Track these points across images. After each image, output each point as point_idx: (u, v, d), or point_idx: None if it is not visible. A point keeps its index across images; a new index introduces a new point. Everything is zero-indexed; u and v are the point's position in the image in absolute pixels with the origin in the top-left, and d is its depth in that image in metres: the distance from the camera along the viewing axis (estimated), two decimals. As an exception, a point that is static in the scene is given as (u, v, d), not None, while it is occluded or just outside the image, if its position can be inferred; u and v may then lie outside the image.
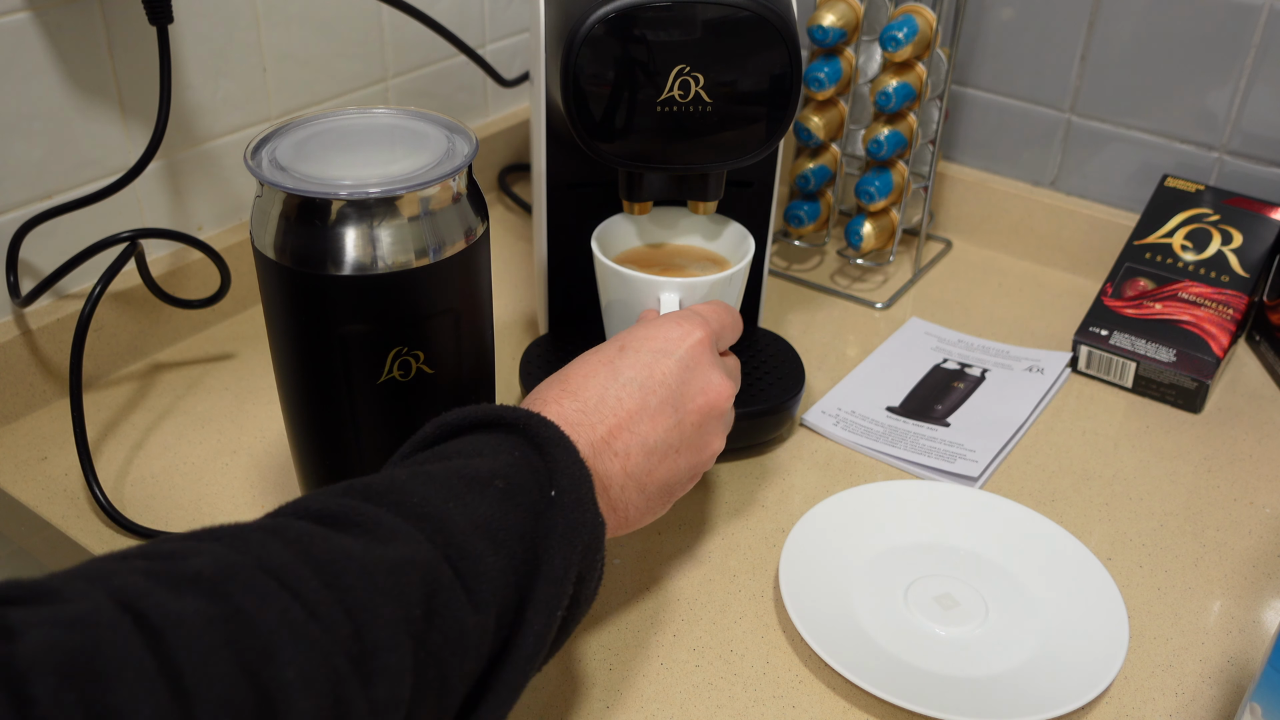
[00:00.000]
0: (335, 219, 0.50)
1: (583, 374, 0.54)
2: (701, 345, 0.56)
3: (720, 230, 0.73)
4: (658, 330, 0.56)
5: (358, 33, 0.91)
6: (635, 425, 0.52)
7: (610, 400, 0.52)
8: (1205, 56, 0.87)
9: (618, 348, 0.55)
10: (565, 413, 0.52)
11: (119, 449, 0.74)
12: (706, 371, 0.56)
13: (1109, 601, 0.62)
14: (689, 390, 0.55)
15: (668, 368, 0.54)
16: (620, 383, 0.53)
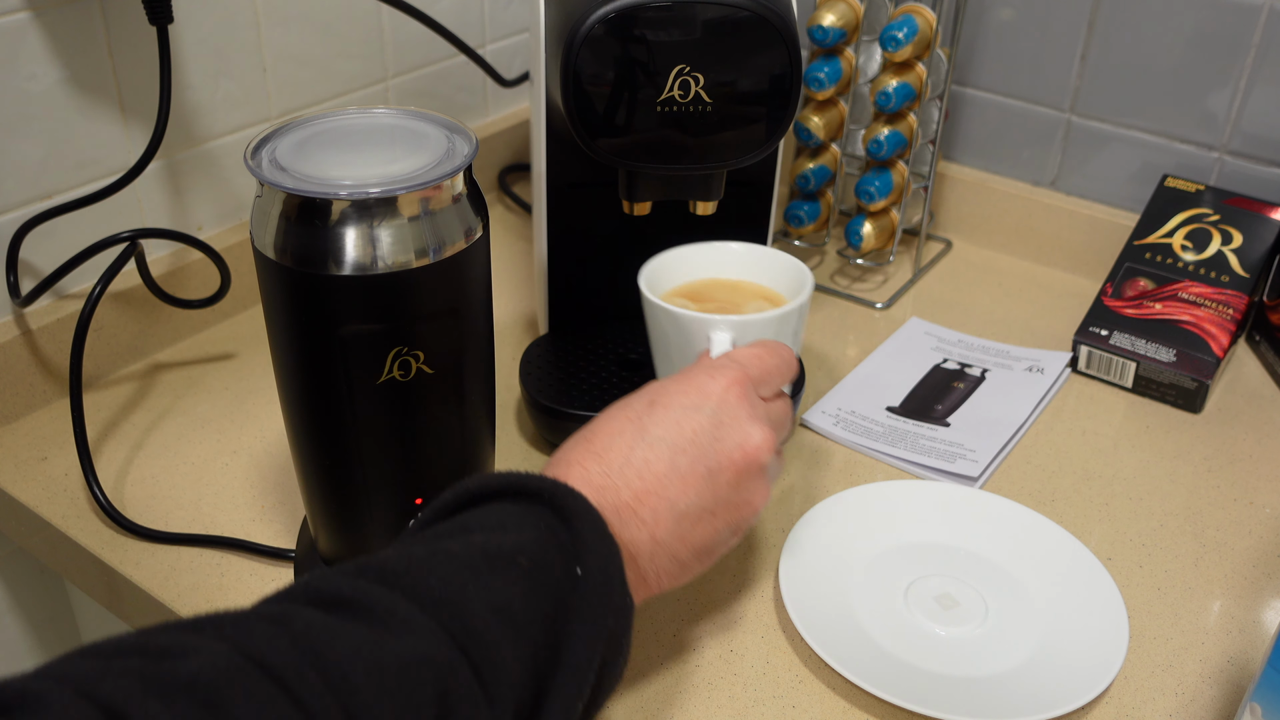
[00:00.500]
0: (335, 219, 0.50)
1: (609, 432, 0.51)
2: (738, 397, 0.52)
3: (775, 265, 0.68)
4: (688, 383, 0.53)
5: (358, 33, 0.91)
6: (664, 489, 0.49)
7: (636, 462, 0.49)
8: (1205, 56, 0.87)
9: (647, 402, 0.52)
10: (589, 476, 0.49)
11: (119, 449, 0.74)
12: (743, 425, 0.52)
13: (1109, 601, 0.62)
14: (723, 447, 0.51)
15: (698, 424, 0.51)
16: (647, 442, 0.50)
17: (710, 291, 0.68)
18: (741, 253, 0.69)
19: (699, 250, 0.69)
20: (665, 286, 0.67)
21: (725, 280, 0.69)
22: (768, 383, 0.55)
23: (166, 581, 0.64)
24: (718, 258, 0.69)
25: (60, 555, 0.69)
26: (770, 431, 0.53)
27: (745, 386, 0.53)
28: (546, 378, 0.75)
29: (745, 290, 0.68)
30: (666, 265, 0.68)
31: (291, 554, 0.65)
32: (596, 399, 0.72)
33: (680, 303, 0.65)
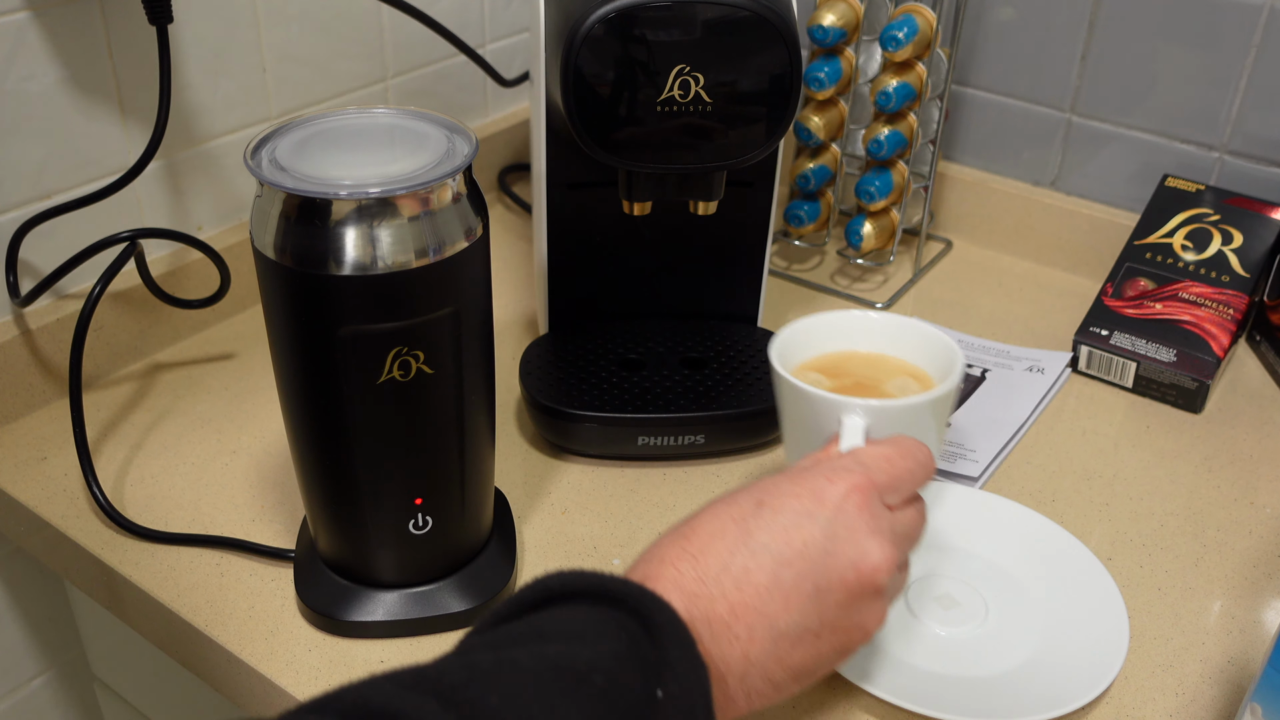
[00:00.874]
0: (335, 219, 0.50)
1: (708, 532, 0.46)
2: (857, 506, 0.47)
3: (920, 339, 0.63)
4: (803, 484, 0.47)
5: (358, 33, 0.91)
6: (764, 604, 0.44)
7: (735, 570, 0.44)
8: (1205, 56, 0.87)
9: (755, 502, 0.47)
10: (683, 580, 0.44)
11: (119, 449, 0.74)
12: (861, 539, 0.46)
13: (1109, 601, 0.62)
14: (835, 563, 0.45)
15: (809, 534, 0.45)
16: (750, 549, 0.45)
17: (847, 366, 0.62)
18: (882, 323, 0.63)
19: (835, 319, 0.63)
20: (798, 359, 0.61)
21: (864, 353, 0.63)
22: (896, 490, 0.49)
23: (166, 581, 0.64)
24: (856, 328, 0.63)
25: (60, 555, 0.69)
26: (891, 548, 0.47)
27: (868, 494, 0.47)
28: (546, 378, 0.75)
29: (886, 366, 0.62)
30: (799, 335, 0.62)
31: (291, 554, 0.65)
32: (596, 399, 0.73)
33: (813, 378, 0.60)
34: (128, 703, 0.87)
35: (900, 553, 0.48)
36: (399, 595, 0.61)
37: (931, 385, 0.60)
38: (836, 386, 0.60)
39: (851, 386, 0.60)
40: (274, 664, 0.59)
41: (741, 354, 0.78)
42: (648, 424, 0.72)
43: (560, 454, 0.74)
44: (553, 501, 0.70)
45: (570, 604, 0.42)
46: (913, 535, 0.50)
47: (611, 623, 0.40)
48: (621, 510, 0.70)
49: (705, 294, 0.82)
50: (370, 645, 0.60)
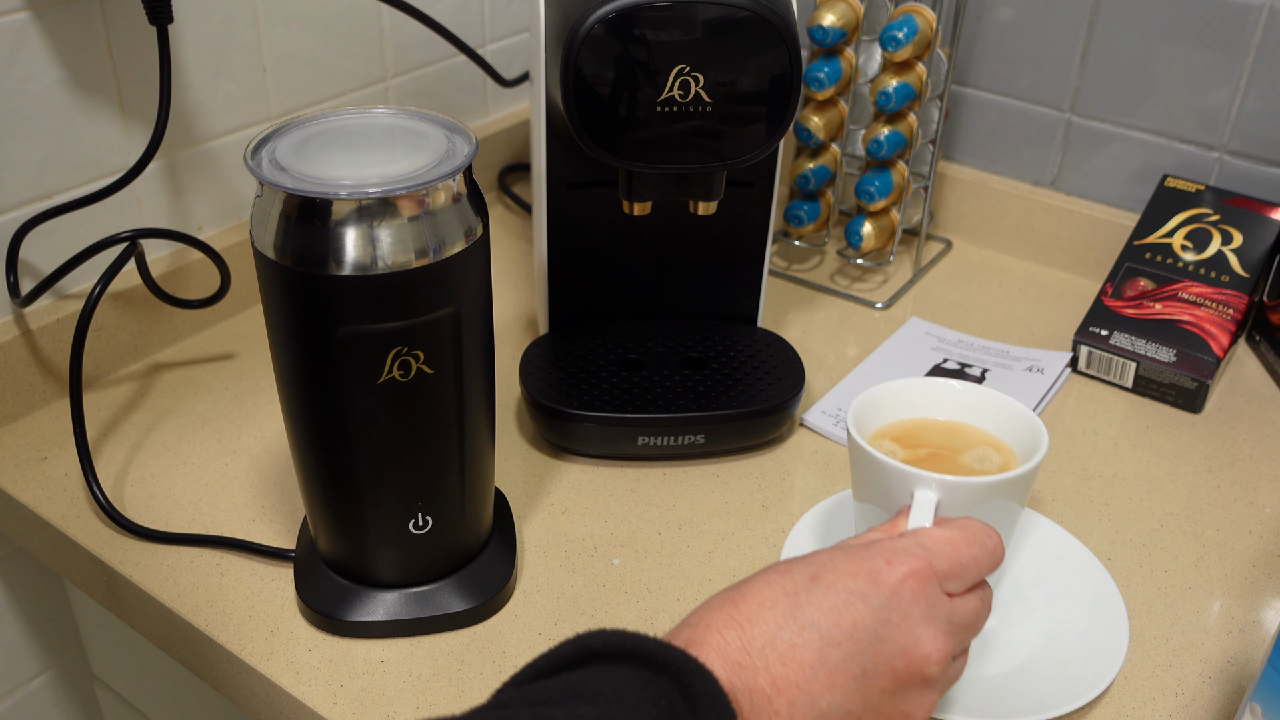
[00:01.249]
0: (335, 219, 0.50)
1: (758, 601, 0.45)
2: (914, 592, 0.45)
3: (1003, 412, 0.60)
4: (861, 563, 0.46)
5: (358, 33, 0.91)
6: (808, 682, 0.43)
7: (782, 644, 0.43)
8: (1205, 56, 0.87)
9: (809, 576, 0.45)
10: (727, 648, 0.43)
11: (119, 449, 0.74)
12: (914, 627, 0.45)
13: (1109, 601, 0.62)
14: (885, 649, 0.44)
15: (861, 616, 0.44)
16: (798, 625, 0.44)
17: (923, 434, 0.61)
18: (963, 391, 0.62)
19: (914, 385, 0.62)
20: (875, 424, 0.60)
21: (941, 421, 0.61)
22: (959, 577, 0.47)
23: (166, 581, 0.64)
24: (936, 394, 0.62)
25: (60, 555, 0.69)
26: (945, 639, 0.46)
27: (927, 581, 0.46)
28: (546, 378, 0.75)
29: (966, 435, 0.60)
30: (877, 400, 0.61)
31: (291, 554, 0.65)
32: (596, 399, 0.73)
33: (888, 446, 0.59)
34: (128, 703, 0.87)
35: (957, 643, 0.47)
36: (399, 595, 0.61)
37: (1013, 458, 0.58)
38: (910, 456, 0.58)
39: (925, 457, 0.58)
40: (274, 664, 0.59)
41: (741, 354, 0.78)
42: (648, 424, 0.72)
43: (560, 454, 0.74)
44: (553, 501, 0.70)
45: (610, 664, 0.41)
46: (972, 625, 0.48)
47: (651, 687, 0.39)
48: (621, 510, 0.70)
49: (705, 294, 0.82)
50: (370, 645, 0.60)
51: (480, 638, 0.61)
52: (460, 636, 0.61)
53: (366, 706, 0.57)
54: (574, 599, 0.63)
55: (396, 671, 0.59)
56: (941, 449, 0.59)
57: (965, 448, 0.60)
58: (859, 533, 0.59)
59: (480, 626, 0.61)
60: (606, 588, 0.64)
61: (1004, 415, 0.60)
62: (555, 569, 0.65)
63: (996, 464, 0.58)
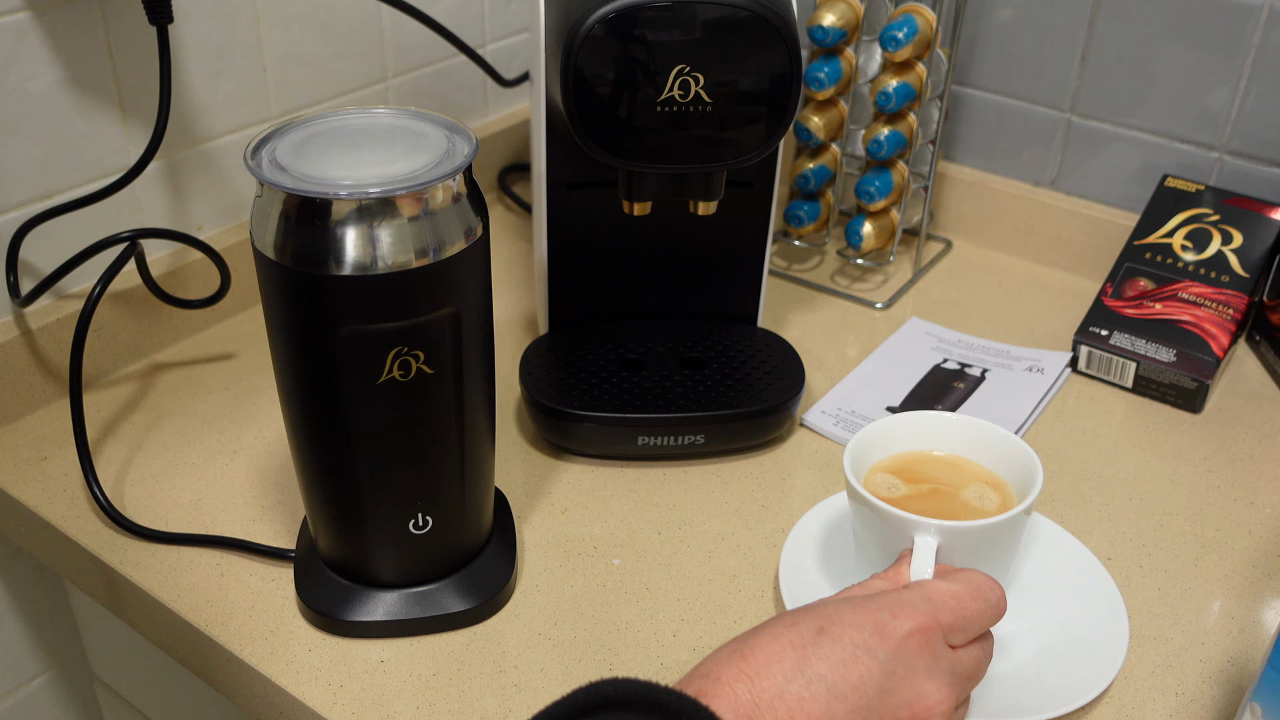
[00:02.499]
0: (335, 219, 0.50)
1: (767, 655, 0.45)
2: (919, 646, 0.47)
3: (996, 443, 0.61)
4: (866, 615, 0.47)
5: (358, 33, 0.91)
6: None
7: (790, 698, 0.44)
8: (1205, 56, 0.87)
9: (815, 630, 0.46)
10: (737, 700, 0.44)
11: (119, 449, 0.74)
12: (918, 680, 0.46)
13: (1109, 601, 0.61)
14: (890, 702, 0.45)
15: (866, 669, 0.45)
16: (806, 678, 0.44)
17: (923, 469, 0.61)
18: (958, 425, 0.62)
19: (909, 420, 0.62)
20: (871, 460, 0.61)
21: (939, 456, 0.62)
22: (962, 630, 0.49)
23: (166, 581, 0.64)
24: (931, 428, 0.62)
25: (60, 555, 0.69)
26: (950, 690, 0.47)
27: (931, 634, 0.47)
28: (546, 378, 0.75)
29: (963, 470, 0.61)
30: (874, 437, 0.61)
31: (291, 554, 0.65)
32: (596, 399, 0.73)
33: (888, 481, 0.60)
34: (128, 703, 0.87)
35: (959, 693, 0.48)
36: (399, 595, 0.61)
37: (1009, 493, 0.59)
38: (912, 493, 0.59)
39: (928, 493, 0.59)
40: (274, 664, 0.59)
41: (741, 354, 0.78)
42: (648, 424, 0.72)
43: (560, 454, 0.74)
44: (553, 501, 0.70)
45: (622, 711, 0.42)
46: (974, 675, 0.50)
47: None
48: (621, 510, 0.70)
49: (705, 294, 0.82)
50: (370, 645, 0.60)
51: (480, 638, 0.61)
52: (460, 636, 0.61)
53: (366, 706, 0.57)
54: (574, 599, 0.63)
55: (396, 671, 0.59)
56: (943, 485, 0.60)
57: (964, 483, 0.60)
58: (860, 559, 0.60)
59: (480, 626, 0.61)
60: (606, 588, 0.64)
61: (1000, 448, 0.60)
62: (555, 569, 0.65)
63: (995, 501, 0.59)
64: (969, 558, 0.55)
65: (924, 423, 0.62)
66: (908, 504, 0.58)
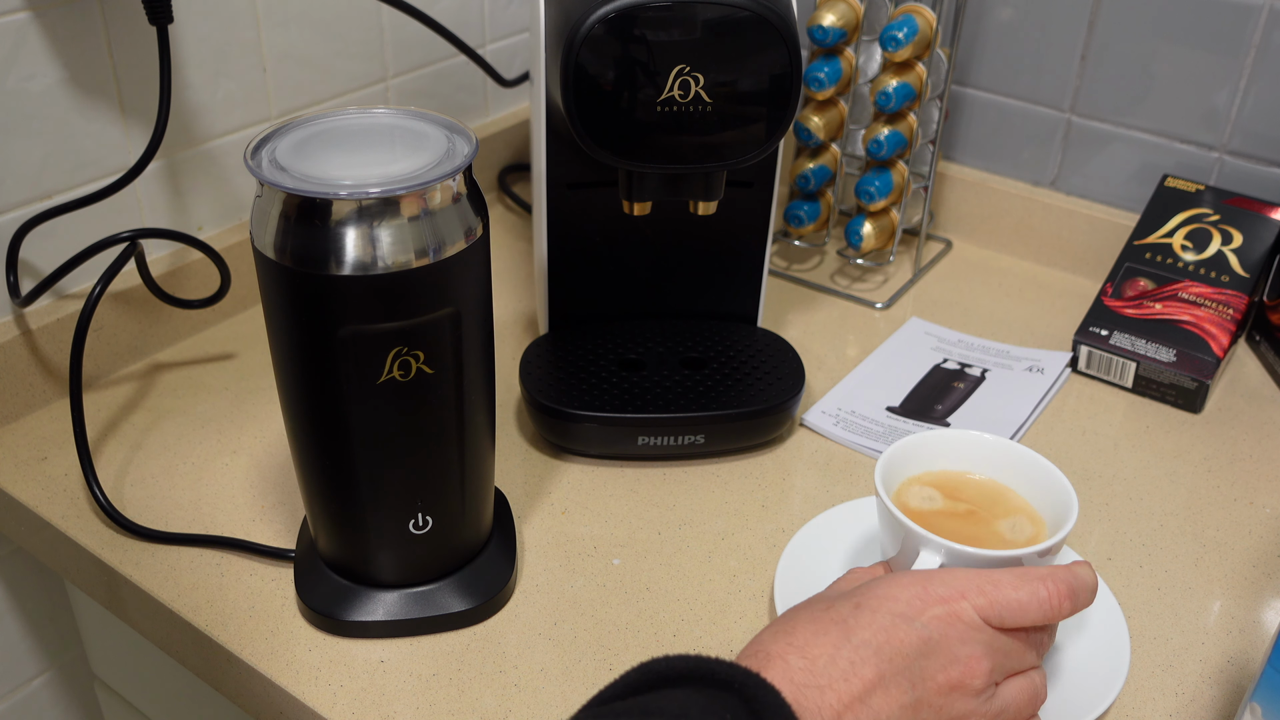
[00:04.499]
0: (335, 219, 0.50)
1: (811, 630, 0.47)
2: (950, 616, 0.48)
3: (1038, 474, 0.59)
4: (900, 589, 0.49)
5: (358, 33, 0.91)
6: (870, 697, 0.45)
7: (842, 662, 0.45)
8: (1205, 56, 0.87)
9: (853, 605, 0.48)
10: (791, 671, 0.45)
11: (119, 449, 0.74)
12: (953, 646, 0.47)
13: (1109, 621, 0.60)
14: (929, 665, 0.47)
15: (906, 636, 0.47)
16: (853, 645, 0.46)
17: (962, 490, 0.60)
18: (1002, 450, 0.60)
19: (951, 436, 0.61)
20: (910, 470, 0.60)
21: (979, 479, 0.61)
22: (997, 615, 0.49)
23: (166, 581, 0.64)
24: (973, 448, 0.61)
25: (60, 555, 0.69)
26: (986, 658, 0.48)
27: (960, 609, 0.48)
28: (546, 378, 0.75)
29: (1005, 501, 0.59)
30: (912, 449, 0.60)
31: (291, 554, 0.65)
32: (596, 399, 0.73)
33: (926, 493, 0.59)
34: (128, 703, 0.87)
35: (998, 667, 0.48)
36: (399, 595, 0.61)
37: (1043, 529, 0.57)
38: (948, 509, 0.58)
39: (964, 514, 0.58)
40: (274, 664, 0.59)
41: (741, 354, 0.78)
42: (648, 424, 0.72)
43: (560, 454, 0.74)
44: (553, 501, 0.70)
45: (676, 687, 0.42)
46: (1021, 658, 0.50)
47: (717, 704, 0.41)
48: (621, 510, 0.70)
49: (705, 294, 0.82)
50: (370, 645, 0.60)
51: (480, 638, 0.61)
52: (460, 636, 0.61)
53: (366, 706, 0.57)
54: (574, 599, 0.63)
55: (396, 671, 0.59)
56: (980, 509, 0.59)
57: (1003, 514, 0.59)
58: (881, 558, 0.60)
59: (480, 626, 0.61)
60: (606, 588, 0.64)
61: (1038, 479, 0.59)
62: (555, 569, 0.65)
63: (1027, 536, 0.57)
64: None
65: (965, 441, 0.61)
66: (936, 519, 0.58)
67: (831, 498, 0.71)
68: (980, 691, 0.48)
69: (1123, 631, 0.59)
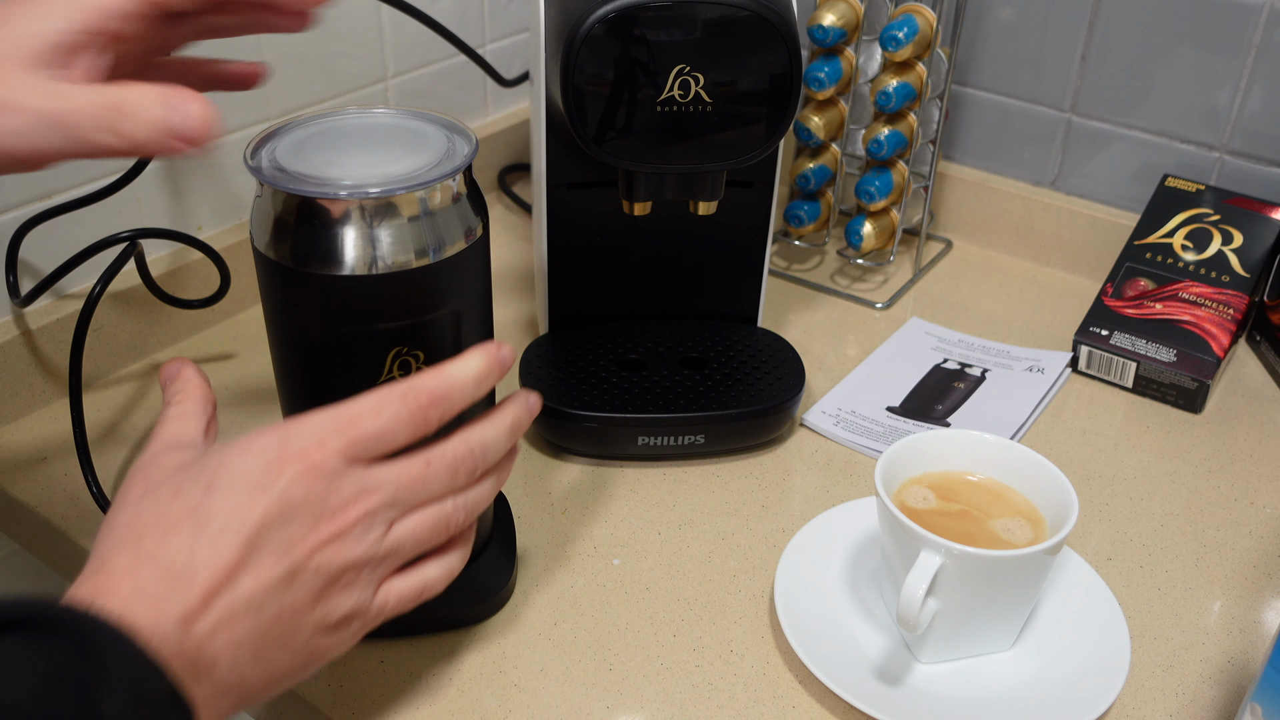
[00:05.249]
0: (335, 219, 0.50)
1: (162, 529, 0.43)
2: (310, 470, 0.45)
3: (1036, 473, 0.59)
4: (252, 458, 0.45)
5: (358, 33, 0.91)
6: (237, 582, 0.43)
7: (202, 555, 0.42)
8: (1205, 56, 0.87)
9: (203, 488, 0.44)
10: (141, 583, 0.41)
11: (119, 449, 0.74)
12: (319, 501, 0.45)
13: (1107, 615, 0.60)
14: (297, 528, 0.44)
15: (267, 507, 0.44)
16: (210, 534, 0.43)
17: (959, 490, 0.60)
18: (1002, 450, 0.60)
19: (950, 437, 0.61)
20: (908, 472, 0.60)
21: (977, 480, 0.61)
22: (365, 446, 0.46)
23: (166, 581, 0.64)
24: (972, 449, 0.61)
25: (60, 555, 0.69)
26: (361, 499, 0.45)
27: (321, 462, 0.45)
28: (546, 378, 0.75)
29: (1001, 500, 0.59)
30: (911, 450, 0.60)
31: (291, 554, 0.65)
32: (596, 399, 0.73)
33: (921, 494, 0.60)
34: (128, 703, 0.87)
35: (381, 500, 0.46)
36: (399, 595, 0.61)
37: (1043, 529, 0.57)
38: (940, 509, 0.58)
39: (957, 514, 0.58)
40: (274, 664, 0.59)
41: (741, 354, 0.78)
42: (648, 424, 0.72)
43: (560, 454, 0.74)
44: (553, 501, 0.70)
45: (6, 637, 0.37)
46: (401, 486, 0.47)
47: (39, 653, 0.36)
48: (621, 510, 0.70)
49: (705, 294, 0.82)
50: (370, 645, 0.60)
51: (480, 638, 0.61)
52: (460, 636, 0.61)
53: (366, 706, 0.57)
54: (574, 599, 0.63)
55: (396, 671, 0.59)
56: (975, 509, 0.59)
57: (999, 513, 0.59)
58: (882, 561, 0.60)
59: (480, 626, 0.61)
60: (606, 588, 0.64)
61: (1037, 477, 0.59)
62: (555, 569, 0.65)
63: (1024, 537, 0.57)
64: (976, 587, 0.55)
65: (964, 442, 0.61)
66: (929, 518, 0.58)
67: (831, 498, 0.71)
68: (362, 536, 0.46)
69: (1123, 631, 0.59)
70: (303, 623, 0.45)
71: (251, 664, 0.43)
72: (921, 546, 0.53)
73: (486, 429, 0.50)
